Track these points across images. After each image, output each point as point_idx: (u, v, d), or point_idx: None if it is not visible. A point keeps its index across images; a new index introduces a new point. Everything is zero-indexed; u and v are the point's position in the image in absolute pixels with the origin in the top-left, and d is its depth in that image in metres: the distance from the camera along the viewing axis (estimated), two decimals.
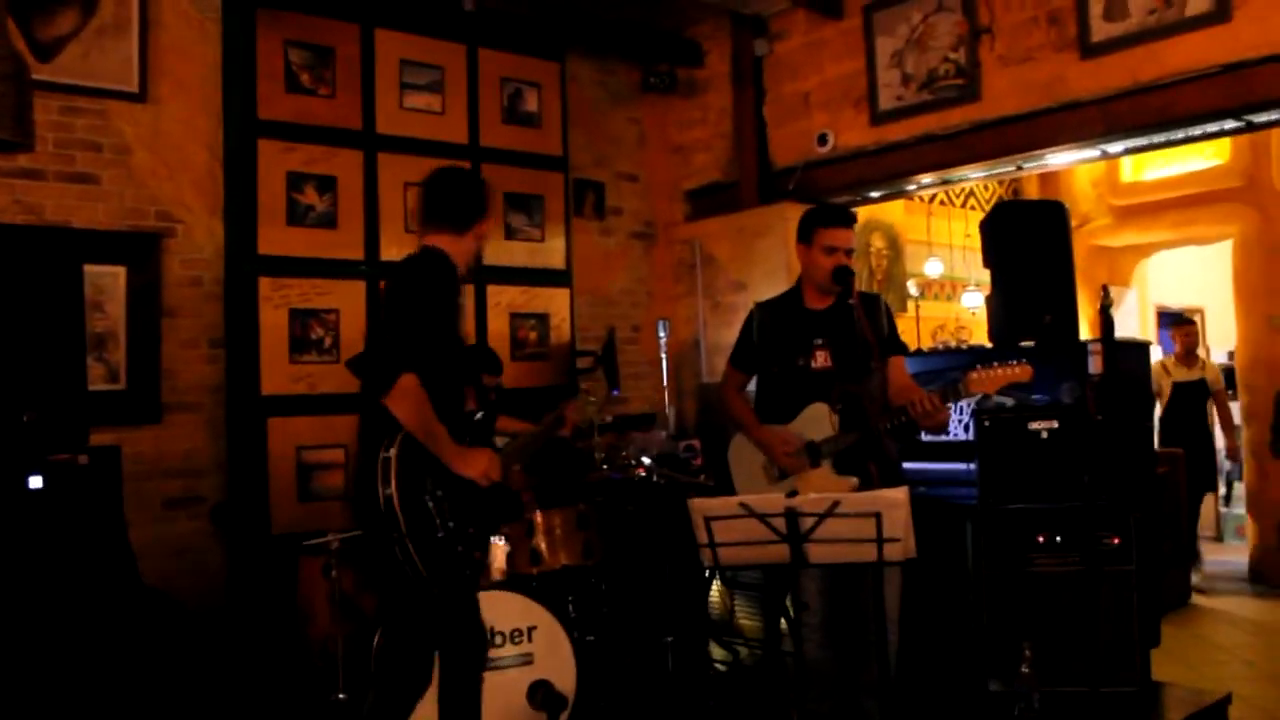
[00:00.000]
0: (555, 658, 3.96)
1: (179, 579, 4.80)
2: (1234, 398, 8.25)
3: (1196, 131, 5.20)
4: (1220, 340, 10.58)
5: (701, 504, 3.27)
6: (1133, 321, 10.01)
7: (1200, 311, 10.77)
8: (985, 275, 5.50)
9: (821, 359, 4.03)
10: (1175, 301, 10.71)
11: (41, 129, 4.67)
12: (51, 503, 3.72)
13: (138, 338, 4.92)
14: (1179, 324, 8.17)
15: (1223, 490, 9.51)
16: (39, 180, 4.72)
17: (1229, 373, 8.54)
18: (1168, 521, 6.61)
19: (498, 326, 6.15)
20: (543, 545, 4.41)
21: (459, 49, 6.05)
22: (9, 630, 3.55)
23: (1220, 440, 8.35)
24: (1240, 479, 9.11)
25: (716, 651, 5.30)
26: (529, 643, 3.91)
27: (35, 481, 3.69)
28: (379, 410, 3.17)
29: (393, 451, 3.13)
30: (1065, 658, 4.29)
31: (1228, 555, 8.52)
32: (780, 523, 3.17)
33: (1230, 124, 5.05)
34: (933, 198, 8.73)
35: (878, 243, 8.27)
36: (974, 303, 8.70)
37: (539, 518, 4.44)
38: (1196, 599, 7.07)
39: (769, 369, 4.18)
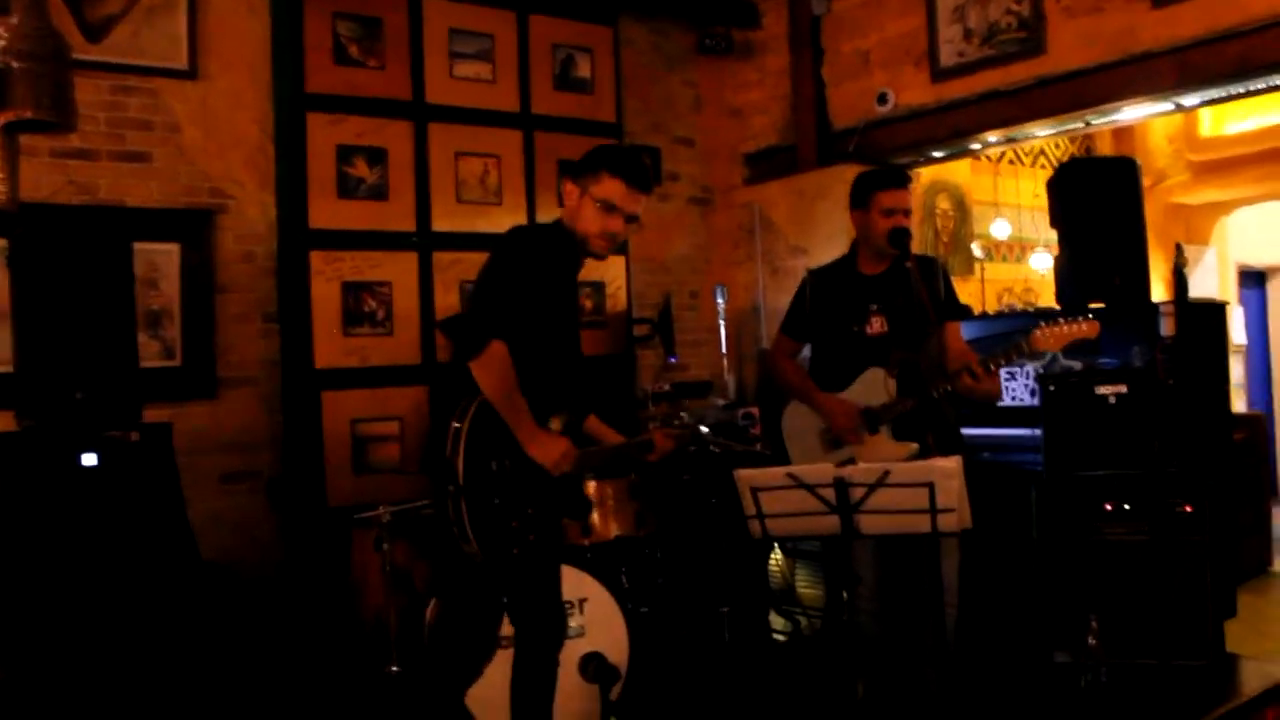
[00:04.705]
0: (608, 630, 3.93)
1: (237, 553, 4.84)
2: None
3: (1279, 80, 4.95)
4: None
5: (748, 475, 3.21)
6: (1212, 280, 9.68)
7: None
8: (1054, 236, 5.34)
9: (878, 325, 3.94)
10: (1258, 260, 10.33)
11: (93, 109, 4.72)
12: (106, 480, 3.76)
13: (192, 314, 4.95)
14: None
15: None
16: (92, 160, 4.74)
17: None
18: (1248, 487, 6.39)
19: None
20: (595, 516, 4.36)
21: (509, 16, 5.96)
22: (70, 606, 3.60)
23: None
24: None
25: (777, 621, 5.24)
26: (580, 615, 3.88)
27: (89, 459, 3.73)
28: (459, 376, 3.07)
29: (470, 412, 3.02)
30: (1134, 629, 4.17)
31: None
32: (829, 493, 3.09)
33: None
34: (1001, 156, 8.49)
35: (943, 204, 8.03)
36: (1043, 264, 8.46)
37: (591, 488, 4.39)
38: (1278, 566, 6.84)
39: (823, 336, 4.09)
